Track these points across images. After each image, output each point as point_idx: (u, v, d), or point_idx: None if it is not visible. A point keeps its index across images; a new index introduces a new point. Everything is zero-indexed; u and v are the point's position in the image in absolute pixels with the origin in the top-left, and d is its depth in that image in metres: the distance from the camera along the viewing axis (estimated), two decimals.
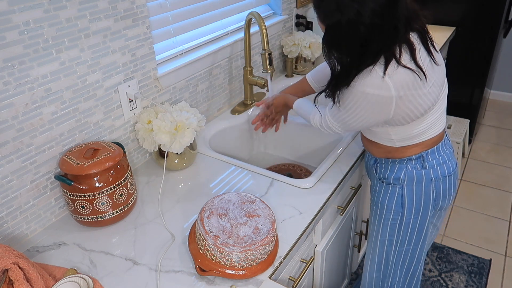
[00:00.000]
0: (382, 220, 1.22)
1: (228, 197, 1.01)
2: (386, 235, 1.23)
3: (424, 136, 1.08)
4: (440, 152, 1.12)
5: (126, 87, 1.19)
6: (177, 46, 1.40)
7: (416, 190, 1.14)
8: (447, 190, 1.15)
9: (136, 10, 1.15)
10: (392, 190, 1.17)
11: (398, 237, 1.21)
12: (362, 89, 0.95)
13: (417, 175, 1.13)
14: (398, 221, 1.19)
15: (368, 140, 1.20)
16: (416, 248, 1.22)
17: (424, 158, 1.11)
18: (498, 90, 3.63)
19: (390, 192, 1.18)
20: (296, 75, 1.96)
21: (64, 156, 1.04)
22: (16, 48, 0.90)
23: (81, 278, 0.85)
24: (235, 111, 1.63)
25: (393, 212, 1.19)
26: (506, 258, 2.12)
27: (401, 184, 1.15)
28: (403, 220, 1.18)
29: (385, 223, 1.22)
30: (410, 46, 0.95)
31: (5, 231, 1.00)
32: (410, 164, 1.13)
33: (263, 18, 1.42)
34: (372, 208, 1.27)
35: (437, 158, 1.12)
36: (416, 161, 1.12)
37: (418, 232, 1.19)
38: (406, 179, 1.14)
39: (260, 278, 0.92)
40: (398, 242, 1.22)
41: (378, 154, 1.19)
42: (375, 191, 1.24)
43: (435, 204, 1.16)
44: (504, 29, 2.72)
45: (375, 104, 0.97)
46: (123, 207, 1.07)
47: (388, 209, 1.19)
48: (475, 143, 3.06)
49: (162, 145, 1.19)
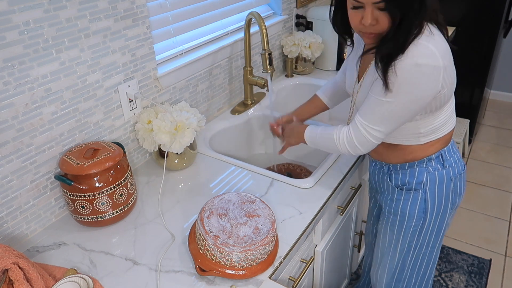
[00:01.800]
0: (403, 229, 1.17)
1: (228, 197, 1.01)
2: (406, 242, 1.19)
3: (444, 128, 1.07)
4: (454, 150, 1.12)
5: (126, 87, 1.19)
6: (177, 46, 1.40)
7: (438, 191, 1.11)
8: (462, 187, 1.15)
9: (136, 10, 1.15)
10: (415, 196, 1.12)
11: (418, 242, 1.18)
12: (413, 61, 0.89)
13: (439, 175, 1.09)
14: (419, 227, 1.15)
15: (383, 146, 1.12)
16: (433, 250, 1.20)
17: (443, 156, 1.09)
18: (498, 90, 3.63)
19: (412, 198, 1.12)
20: (296, 75, 1.96)
21: (64, 156, 1.04)
22: (16, 48, 0.90)
23: (81, 278, 0.85)
24: (235, 111, 1.63)
25: (416, 218, 1.14)
26: (506, 258, 2.12)
27: (424, 188, 1.10)
28: (424, 225, 1.14)
29: (406, 231, 1.17)
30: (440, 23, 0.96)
31: (5, 231, 1.00)
32: (431, 165, 1.09)
33: (263, 18, 1.42)
34: (387, 218, 1.21)
35: (453, 156, 1.11)
36: (436, 160, 1.09)
37: (436, 233, 1.17)
38: (429, 181, 1.10)
39: (260, 278, 0.92)
40: (417, 247, 1.19)
41: (394, 160, 1.13)
42: (391, 200, 1.18)
43: (453, 203, 1.14)
44: (504, 29, 2.72)
45: (428, 76, 0.90)
46: (123, 207, 1.07)
47: (410, 216, 1.14)
48: (475, 143, 3.06)
49: (162, 145, 1.19)
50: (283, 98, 1.89)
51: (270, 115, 1.63)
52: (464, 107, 2.81)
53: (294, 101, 1.93)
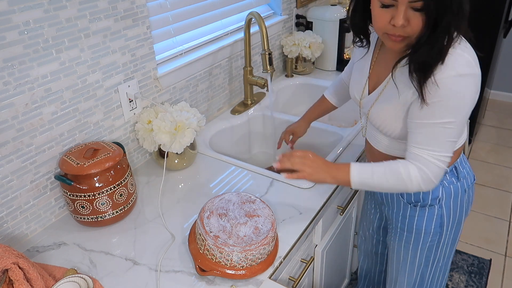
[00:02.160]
0: (420, 245, 1.12)
1: (228, 197, 1.01)
2: (423, 257, 1.15)
3: (461, 141, 1.03)
4: (465, 160, 1.09)
5: (126, 87, 1.19)
6: (177, 46, 1.40)
7: (453, 205, 1.06)
8: (473, 196, 1.12)
9: (136, 10, 1.15)
10: (430, 212, 1.06)
11: (435, 256, 1.14)
12: (455, 73, 0.83)
13: (454, 189, 1.05)
14: (436, 242, 1.11)
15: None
16: (448, 260, 1.18)
17: (457, 169, 1.05)
18: (498, 90, 3.63)
19: (428, 215, 1.07)
20: (296, 75, 1.96)
21: (64, 156, 1.04)
22: (16, 48, 0.90)
23: (81, 278, 0.85)
24: (235, 111, 1.63)
25: (432, 234, 1.09)
26: (506, 258, 2.12)
27: (439, 203, 1.05)
28: (441, 239, 1.10)
29: (423, 247, 1.12)
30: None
31: (5, 231, 1.00)
32: (445, 179, 1.04)
33: (263, 18, 1.42)
34: (401, 234, 1.15)
35: (465, 167, 1.08)
36: (450, 174, 1.04)
37: (452, 245, 1.14)
38: (444, 196, 1.05)
39: (260, 278, 0.92)
40: (435, 261, 1.15)
41: None
42: (404, 216, 1.12)
43: (466, 214, 1.11)
44: (504, 29, 2.72)
45: (472, 86, 0.85)
46: (123, 207, 1.07)
47: (426, 233, 1.09)
48: (475, 143, 3.06)
49: (162, 145, 1.19)
50: (283, 98, 1.89)
51: (270, 115, 1.63)
52: None
53: (294, 101, 1.93)
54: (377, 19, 0.87)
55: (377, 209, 1.33)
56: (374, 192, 1.28)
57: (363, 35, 1.02)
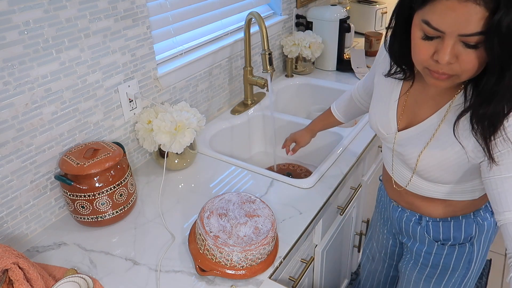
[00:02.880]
0: (445, 280, 1.04)
1: (228, 197, 1.01)
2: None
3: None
4: None
5: (126, 87, 1.19)
6: (177, 46, 1.40)
7: (484, 240, 0.97)
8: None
9: (136, 10, 1.15)
10: (460, 251, 0.97)
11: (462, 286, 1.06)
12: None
13: (487, 225, 0.95)
14: (462, 276, 1.03)
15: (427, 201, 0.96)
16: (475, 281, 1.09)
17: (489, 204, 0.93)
18: None
19: (457, 253, 0.98)
20: (296, 75, 1.96)
21: (64, 156, 1.04)
22: (16, 48, 0.90)
23: (81, 278, 0.85)
24: (235, 111, 1.63)
25: (460, 270, 1.01)
26: (506, 258, 2.12)
27: (471, 240, 0.95)
28: (468, 273, 1.02)
29: (447, 283, 1.04)
30: None
31: (5, 231, 1.00)
32: (479, 215, 0.94)
33: (263, 18, 1.42)
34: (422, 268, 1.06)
35: None
36: (484, 209, 0.94)
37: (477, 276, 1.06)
38: (478, 233, 0.95)
39: (260, 278, 0.92)
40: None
41: (437, 213, 0.96)
42: (428, 253, 1.02)
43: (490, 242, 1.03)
44: None
45: None
46: (123, 207, 1.07)
47: (453, 269, 1.01)
48: None
49: (162, 145, 1.19)
50: (283, 98, 1.89)
51: (270, 115, 1.63)
52: None
53: (294, 101, 1.93)
54: (417, 51, 0.72)
55: (394, 237, 1.18)
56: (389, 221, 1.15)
57: (406, 66, 0.84)
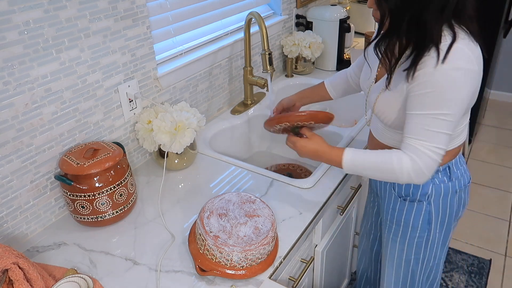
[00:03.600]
0: (407, 239, 1.14)
1: (228, 197, 1.01)
2: (412, 253, 1.16)
3: (456, 141, 1.04)
4: (461, 162, 1.09)
5: (126, 87, 1.19)
6: (177, 46, 1.40)
7: (443, 204, 1.08)
8: (467, 198, 1.12)
9: (136, 10, 1.15)
10: (418, 208, 1.09)
11: (425, 254, 1.15)
12: (452, 66, 0.83)
13: (444, 188, 1.06)
14: (424, 239, 1.13)
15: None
16: (439, 261, 1.19)
17: (450, 169, 1.06)
18: (498, 90, 3.63)
19: (416, 210, 1.09)
20: (296, 75, 1.96)
21: (64, 156, 1.04)
22: (16, 48, 0.90)
23: (81, 278, 0.85)
24: (235, 111, 1.63)
25: (420, 230, 1.11)
26: (506, 258, 2.12)
27: (428, 200, 1.07)
28: (429, 237, 1.12)
29: (410, 242, 1.14)
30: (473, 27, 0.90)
31: (5, 231, 1.00)
32: (437, 177, 1.06)
33: (263, 18, 1.41)
34: (390, 226, 1.18)
35: (460, 169, 1.08)
36: (443, 173, 1.06)
37: (442, 245, 1.15)
38: (434, 194, 1.07)
39: (260, 278, 0.92)
40: (425, 259, 1.16)
41: None
42: (393, 209, 1.14)
43: (457, 215, 1.12)
44: (504, 29, 2.72)
45: (469, 79, 0.86)
46: (123, 207, 1.07)
47: (413, 227, 1.12)
48: (475, 143, 3.06)
49: (162, 145, 1.19)
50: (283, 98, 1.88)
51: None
52: None
53: None
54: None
55: (375, 202, 1.35)
56: (370, 184, 1.31)
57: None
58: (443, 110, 0.86)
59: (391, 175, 0.94)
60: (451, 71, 0.84)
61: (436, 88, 0.85)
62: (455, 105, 0.86)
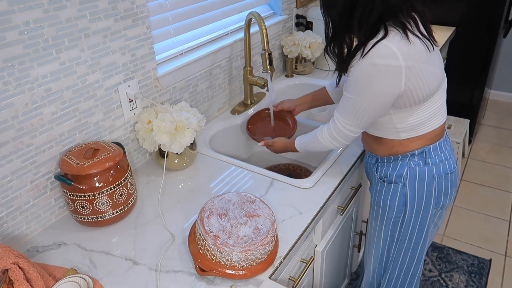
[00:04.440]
0: (385, 219, 1.22)
1: (228, 197, 1.01)
2: (388, 232, 1.23)
3: (426, 126, 1.09)
4: (442, 149, 1.13)
5: (126, 87, 1.19)
6: (177, 46, 1.40)
7: (418, 187, 1.13)
8: (449, 188, 1.15)
9: (136, 10, 1.15)
10: (394, 189, 1.16)
11: (399, 234, 1.21)
12: (370, 61, 0.95)
13: (420, 172, 1.12)
14: (400, 219, 1.19)
15: (371, 138, 1.19)
16: (416, 246, 1.22)
17: (426, 153, 1.11)
18: (498, 90, 3.63)
19: (392, 191, 1.17)
20: (296, 75, 1.96)
21: (64, 156, 1.04)
22: (16, 48, 0.90)
23: (81, 278, 0.85)
24: (235, 111, 1.63)
25: (396, 210, 1.18)
26: (506, 258, 2.12)
27: (403, 182, 1.14)
28: (405, 218, 1.18)
29: (387, 222, 1.21)
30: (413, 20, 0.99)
31: (5, 231, 1.00)
32: (413, 160, 1.12)
33: (263, 18, 1.42)
34: (373, 208, 1.26)
35: (439, 155, 1.12)
36: (418, 156, 1.12)
37: (419, 230, 1.19)
38: (409, 176, 1.13)
39: (260, 278, 0.92)
40: (399, 239, 1.22)
41: (381, 152, 1.18)
42: (375, 191, 1.23)
43: (437, 202, 1.16)
44: (504, 29, 2.72)
45: (386, 75, 0.96)
46: (123, 207, 1.07)
47: (390, 208, 1.19)
48: (475, 143, 3.06)
49: (162, 145, 1.19)
50: (283, 98, 1.88)
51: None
52: (464, 107, 2.81)
53: None
54: None
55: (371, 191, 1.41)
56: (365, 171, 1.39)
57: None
58: (352, 95, 1.03)
59: (319, 144, 1.18)
60: (367, 65, 0.96)
61: (353, 77, 1.00)
62: (364, 94, 1.00)
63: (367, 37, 0.97)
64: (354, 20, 0.97)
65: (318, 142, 1.18)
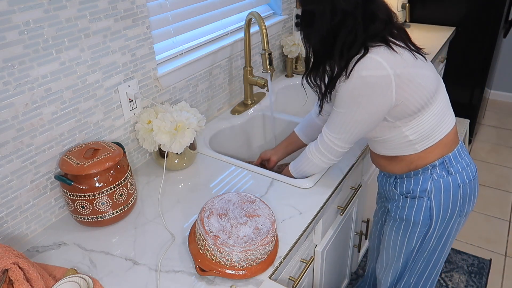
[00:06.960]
0: (408, 233, 1.17)
1: (228, 197, 1.01)
2: (412, 245, 1.19)
3: (439, 131, 1.05)
4: (461, 155, 1.10)
5: (126, 87, 1.19)
6: (177, 46, 1.40)
7: (444, 199, 1.09)
8: (472, 194, 1.12)
9: (136, 10, 1.15)
10: (419, 204, 1.11)
11: (421, 245, 1.18)
12: (357, 75, 0.94)
13: (444, 183, 1.08)
14: (424, 233, 1.15)
15: (385, 159, 1.16)
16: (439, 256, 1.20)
17: (447, 163, 1.07)
18: (498, 90, 3.63)
19: (417, 206, 1.12)
20: (296, 75, 1.96)
21: (64, 156, 1.04)
22: (16, 48, 0.90)
23: (81, 278, 0.85)
24: (235, 111, 1.63)
25: (421, 225, 1.14)
26: (506, 258, 2.12)
27: (428, 196, 1.09)
28: (429, 231, 1.14)
29: (411, 236, 1.17)
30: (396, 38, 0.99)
31: (5, 231, 1.00)
32: (435, 172, 1.08)
33: (263, 18, 1.42)
34: (394, 222, 1.21)
35: (460, 162, 1.09)
36: (440, 167, 1.07)
37: (444, 241, 1.17)
38: (434, 189, 1.08)
39: (260, 278, 0.92)
40: (420, 250, 1.19)
41: (399, 170, 1.14)
42: (397, 206, 1.18)
43: (461, 210, 1.12)
44: (504, 29, 2.72)
45: (375, 86, 0.94)
46: (123, 207, 1.07)
47: (415, 223, 1.14)
48: (475, 143, 3.06)
49: (162, 145, 1.19)
50: (283, 98, 1.89)
51: (270, 115, 1.63)
52: (464, 107, 2.81)
53: (294, 101, 1.93)
54: None
55: (383, 204, 1.40)
56: (379, 187, 1.35)
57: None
58: (341, 109, 1.02)
59: (309, 161, 1.16)
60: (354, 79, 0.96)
61: (341, 92, 0.99)
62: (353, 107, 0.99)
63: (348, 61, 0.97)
64: (335, 50, 0.97)
65: (308, 159, 1.16)
